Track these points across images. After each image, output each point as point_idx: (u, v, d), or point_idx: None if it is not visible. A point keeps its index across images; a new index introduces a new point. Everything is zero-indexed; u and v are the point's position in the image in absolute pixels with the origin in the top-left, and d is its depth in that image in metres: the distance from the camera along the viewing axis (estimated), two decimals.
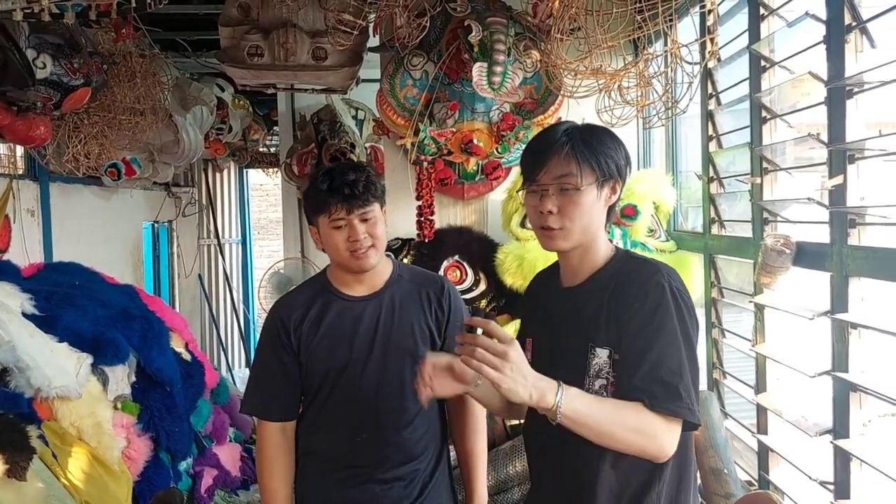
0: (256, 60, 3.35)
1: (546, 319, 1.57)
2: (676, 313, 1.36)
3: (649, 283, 1.39)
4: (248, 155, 6.93)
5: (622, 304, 1.41)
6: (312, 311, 1.88)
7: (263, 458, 1.91)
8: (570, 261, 1.52)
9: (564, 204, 1.43)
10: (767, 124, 2.37)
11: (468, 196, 3.56)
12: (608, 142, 1.47)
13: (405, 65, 3.23)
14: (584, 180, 1.42)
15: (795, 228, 2.30)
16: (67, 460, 2.52)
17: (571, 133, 1.45)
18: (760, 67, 2.38)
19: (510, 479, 2.92)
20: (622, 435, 1.31)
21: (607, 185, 1.46)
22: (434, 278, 2.02)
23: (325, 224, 1.83)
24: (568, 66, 2.72)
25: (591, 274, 1.50)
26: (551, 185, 1.43)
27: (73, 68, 3.17)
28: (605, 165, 1.44)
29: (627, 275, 1.44)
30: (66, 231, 4.59)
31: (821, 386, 2.07)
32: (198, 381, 3.51)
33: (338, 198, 1.78)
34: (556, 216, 1.44)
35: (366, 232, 1.81)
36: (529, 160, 1.49)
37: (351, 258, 1.82)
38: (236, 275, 7.85)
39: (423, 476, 1.90)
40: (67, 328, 2.81)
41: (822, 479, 2.04)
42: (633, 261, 1.50)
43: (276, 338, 1.89)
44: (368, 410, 1.85)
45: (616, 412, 1.32)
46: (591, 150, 1.43)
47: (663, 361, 1.33)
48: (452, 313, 1.93)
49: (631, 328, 1.38)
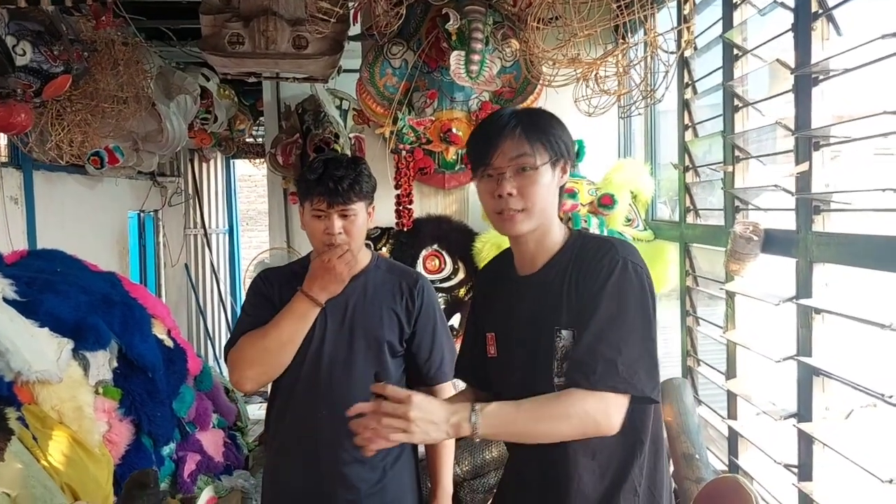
0: (237, 48, 3.35)
1: (507, 311, 1.56)
2: (629, 287, 1.37)
3: (604, 258, 1.40)
4: (234, 145, 6.92)
5: (580, 282, 1.42)
6: (292, 287, 1.93)
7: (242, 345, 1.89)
8: (525, 247, 1.51)
9: (523, 185, 1.43)
10: (739, 112, 2.40)
11: (449, 186, 3.59)
12: (554, 123, 1.49)
13: (385, 53, 3.25)
14: (539, 159, 1.43)
15: (766, 216, 2.33)
16: (48, 443, 2.53)
17: (518, 115, 1.47)
18: (733, 56, 2.41)
19: (486, 465, 2.97)
20: (554, 427, 1.32)
21: (558, 165, 1.47)
22: (410, 272, 2.06)
23: (307, 210, 1.89)
24: (545, 54, 2.74)
25: (549, 259, 1.50)
26: (508, 167, 1.43)
27: (53, 55, 3.17)
28: (557, 145, 1.45)
29: (585, 254, 1.45)
30: (51, 219, 4.59)
31: (787, 371, 2.11)
32: (180, 367, 3.53)
33: (321, 189, 1.83)
34: (516, 198, 1.43)
35: (342, 228, 1.85)
36: (479, 146, 1.48)
37: (326, 249, 1.87)
38: (223, 265, 7.84)
39: (384, 458, 1.92)
40: (49, 313, 2.82)
41: (787, 463, 2.08)
42: (590, 240, 1.50)
43: (263, 294, 1.95)
44: (331, 388, 1.88)
45: (538, 409, 1.33)
46: (541, 131, 1.45)
47: (604, 337, 1.34)
48: (424, 307, 1.97)
49: (582, 303, 1.39)
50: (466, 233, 3.35)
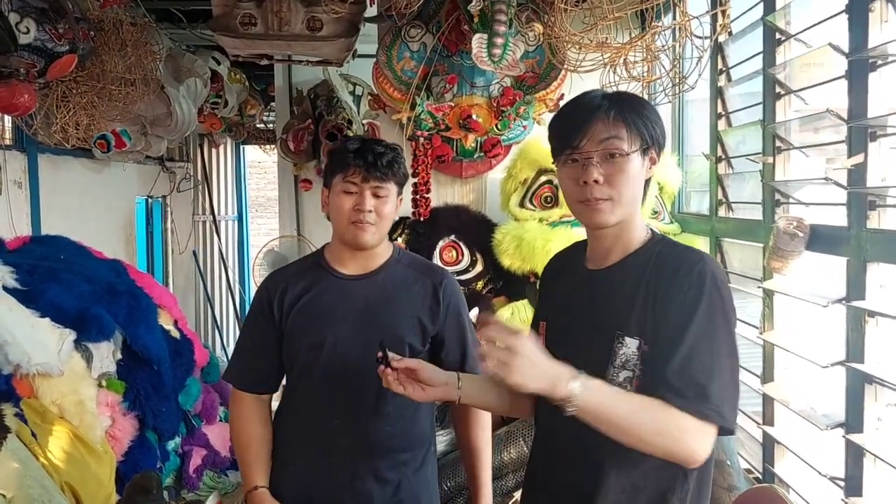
0: (249, 30, 3.23)
1: (566, 303, 1.44)
2: (718, 307, 1.24)
3: (692, 272, 1.26)
4: (244, 130, 6.80)
5: (661, 293, 1.28)
6: (299, 284, 1.80)
7: (235, 417, 1.85)
8: (602, 240, 1.38)
9: (611, 172, 1.29)
10: (781, 100, 2.25)
11: (466, 174, 3.46)
12: (649, 108, 1.35)
13: (403, 36, 3.11)
14: (630, 145, 1.29)
15: (808, 211, 2.19)
16: (48, 439, 2.44)
17: (611, 97, 1.33)
18: (775, 40, 2.26)
19: (505, 466, 2.84)
20: (647, 435, 1.20)
21: (648, 154, 1.33)
22: (434, 268, 1.92)
23: (338, 184, 1.75)
24: (572, 38, 2.60)
25: (624, 257, 1.36)
26: (596, 152, 1.30)
27: (58, 34, 3.04)
28: (650, 131, 1.31)
29: (667, 261, 1.31)
30: (56, 204, 4.48)
31: (831, 377, 1.97)
32: (187, 359, 3.43)
33: (359, 161, 1.71)
34: (602, 186, 1.29)
35: (373, 206, 1.72)
36: (565, 127, 1.35)
37: (350, 226, 1.73)
38: (232, 253, 7.73)
39: (401, 475, 1.78)
40: (50, 303, 2.73)
41: (833, 475, 1.95)
42: (674, 247, 1.36)
43: (261, 309, 1.82)
44: (344, 396, 1.75)
45: (641, 409, 1.20)
46: (636, 114, 1.31)
47: (696, 358, 1.21)
48: (451, 308, 1.82)
49: (667, 320, 1.26)
50: (485, 224, 3.22)
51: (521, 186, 3.12)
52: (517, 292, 3.09)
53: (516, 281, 3.08)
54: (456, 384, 1.49)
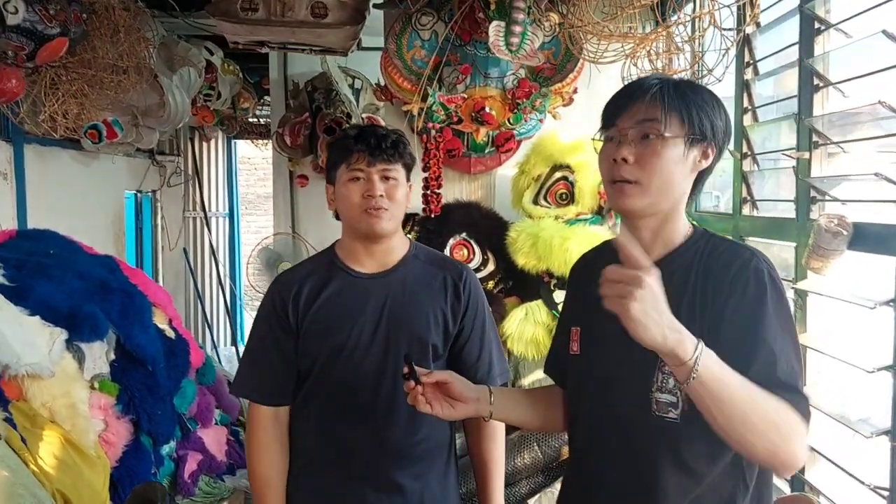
0: (250, 15, 3.09)
1: (600, 306, 1.34)
2: (781, 303, 1.16)
3: (747, 268, 1.17)
4: (236, 124, 6.64)
5: (712, 291, 1.19)
6: (313, 284, 1.68)
7: (253, 445, 1.71)
8: (640, 235, 1.28)
9: (644, 154, 1.21)
10: (819, 93, 2.15)
11: (475, 170, 3.34)
12: (706, 97, 1.25)
13: (413, 24, 2.99)
14: (669, 129, 1.20)
15: (845, 208, 2.09)
16: (38, 444, 2.31)
17: (665, 80, 1.24)
18: (814, 29, 2.15)
19: (518, 472, 2.73)
20: (762, 423, 1.06)
21: (697, 145, 1.23)
22: (453, 263, 1.81)
23: (343, 175, 1.65)
24: (595, 27, 2.49)
25: (666, 254, 1.27)
26: (631, 130, 1.22)
27: (48, 15, 2.89)
28: (698, 120, 1.21)
29: (716, 258, 1.22)
30: (42, 197, 4.30)
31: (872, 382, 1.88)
32: (182, 359, 3.29)
33: (362, 146, 1.62)
34: (631, 167, 1.22)
35: (384, 191, 1.62)
36: (611, 105, 1.28)
37: (363, 216, 1.62)
38: (223, 249, 7.57)
39: (425, 487, 1.68)
40: (40, 300, 2.58)
41: (876, 485, 1.85)
42: (721, 242, 1.27)
43: (272, 313, 1.69)
44: (364, 401, 1.64)
45: (761, 394, 1.07)
46: (682, 99, 1.21)
47: (778, 360, 1.12)
48: (471, 303, 1.72)
49: (734, 322, 1.16)
50: (498, 221, 3.10)
51: (535, 183, 3.01)
52: (530, 292, 2.97)
53: (529, 281, 2.97)
54: (488, 399, 1.39)
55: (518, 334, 2.85)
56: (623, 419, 1.26)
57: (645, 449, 1.23)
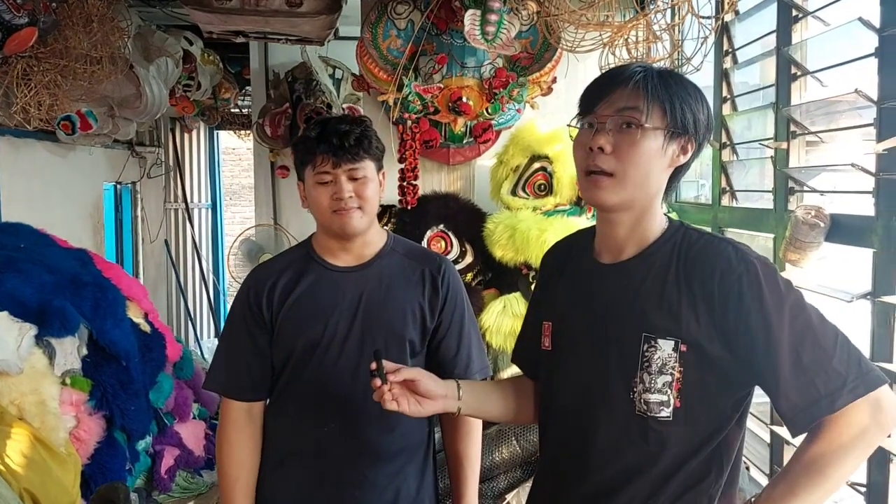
0: (224, 3, 3.03)
1: (574, 302, 1.30)
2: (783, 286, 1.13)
3: (737, 266, 1.13)
4: (218, 115, 6.55)
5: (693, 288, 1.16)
6: (288, 278, 1.65)
7: (223, 441, 1.68)
8: (615, 229, 1.24)
9: (622, 144, 1.17)
10: (797, 82, 2.13)
11: (453, 161, 3.31)
12: (690, 90, 1.20)
13: (389, 13, 2.94)
14: (650, 119, 1.16)
15: (823, 199, 2.08)
16: (5, 443, 2.27)
17: (648, 70, 1.20)
18: (791, 17, 2.13)
19: (496, 467, 2.71)
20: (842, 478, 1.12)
21: (677, 140, 1.19)
22: (432, 256, 1.77)
23: (310, 177, 1.61)
24: (572, 15, 2.45)
25: (643, 248, 1.23)
26: (610, 118, 1.17)
27: (16, 4, 2.82)
28: (680, 112, 1.17)
29: (696, 253, 1.18)
30: (17, 190, 4.22)
31: None
32: (158, 354, 3.25)
33: (325, 147, 1.56)
34: (608, 157, 1.17)
35: (353, 191, 1.57)
36: (591, 91, 1.23)
37: (333, 216, 1.59)
38: (206, 241, 7.49)
39: (400, 484, 1.65)
40: (9, 295, 2.55)
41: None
42: (697, 235, 1.22)
43: (247, 307, 1.66)
44: (340, 398, 1.60)
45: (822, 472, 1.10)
46: (666, 89, 1.17)
47: (802, 359, 1.09)
48: (449, 297, 1.68)
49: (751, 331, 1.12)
50: (476, 213, 3.07)
51: (513, 174, 2.98)
52: (509, 284, 2.95)
53: (508, 273, 2.94)
54: (456, 395, 1.36)
55: (496, 327, 2.82)
56: (601, 418, 1.23)
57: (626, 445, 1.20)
